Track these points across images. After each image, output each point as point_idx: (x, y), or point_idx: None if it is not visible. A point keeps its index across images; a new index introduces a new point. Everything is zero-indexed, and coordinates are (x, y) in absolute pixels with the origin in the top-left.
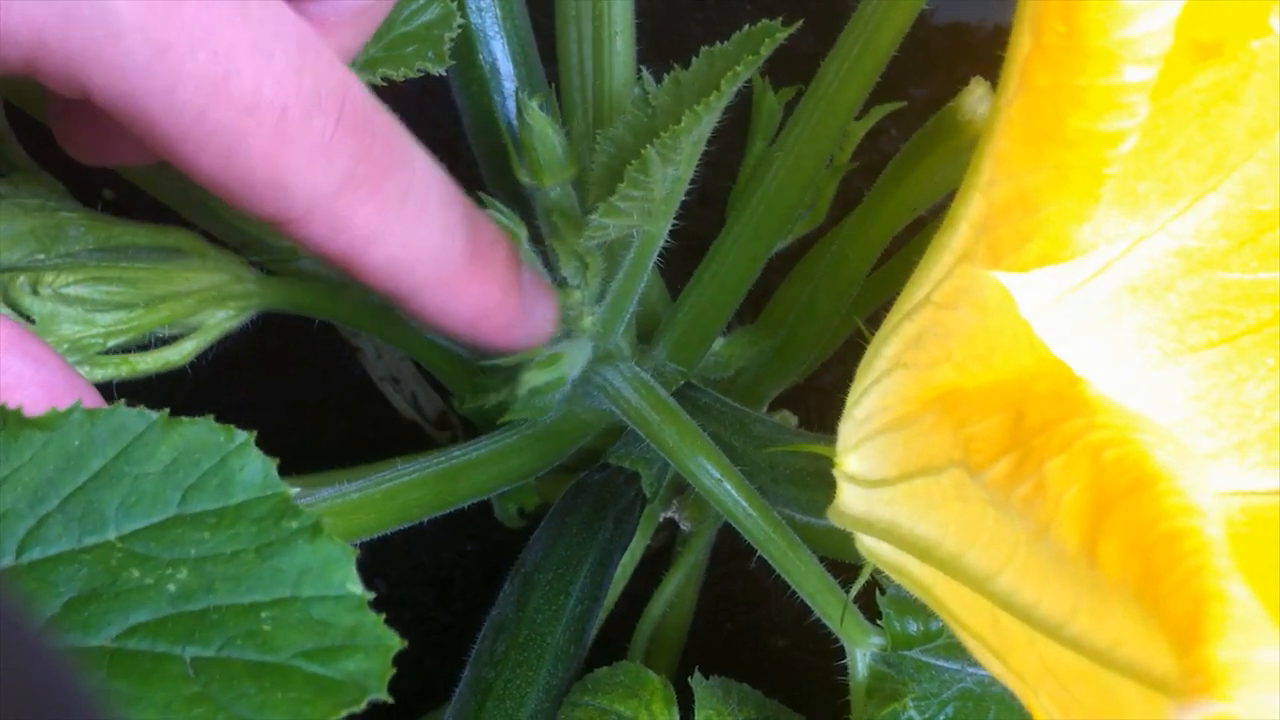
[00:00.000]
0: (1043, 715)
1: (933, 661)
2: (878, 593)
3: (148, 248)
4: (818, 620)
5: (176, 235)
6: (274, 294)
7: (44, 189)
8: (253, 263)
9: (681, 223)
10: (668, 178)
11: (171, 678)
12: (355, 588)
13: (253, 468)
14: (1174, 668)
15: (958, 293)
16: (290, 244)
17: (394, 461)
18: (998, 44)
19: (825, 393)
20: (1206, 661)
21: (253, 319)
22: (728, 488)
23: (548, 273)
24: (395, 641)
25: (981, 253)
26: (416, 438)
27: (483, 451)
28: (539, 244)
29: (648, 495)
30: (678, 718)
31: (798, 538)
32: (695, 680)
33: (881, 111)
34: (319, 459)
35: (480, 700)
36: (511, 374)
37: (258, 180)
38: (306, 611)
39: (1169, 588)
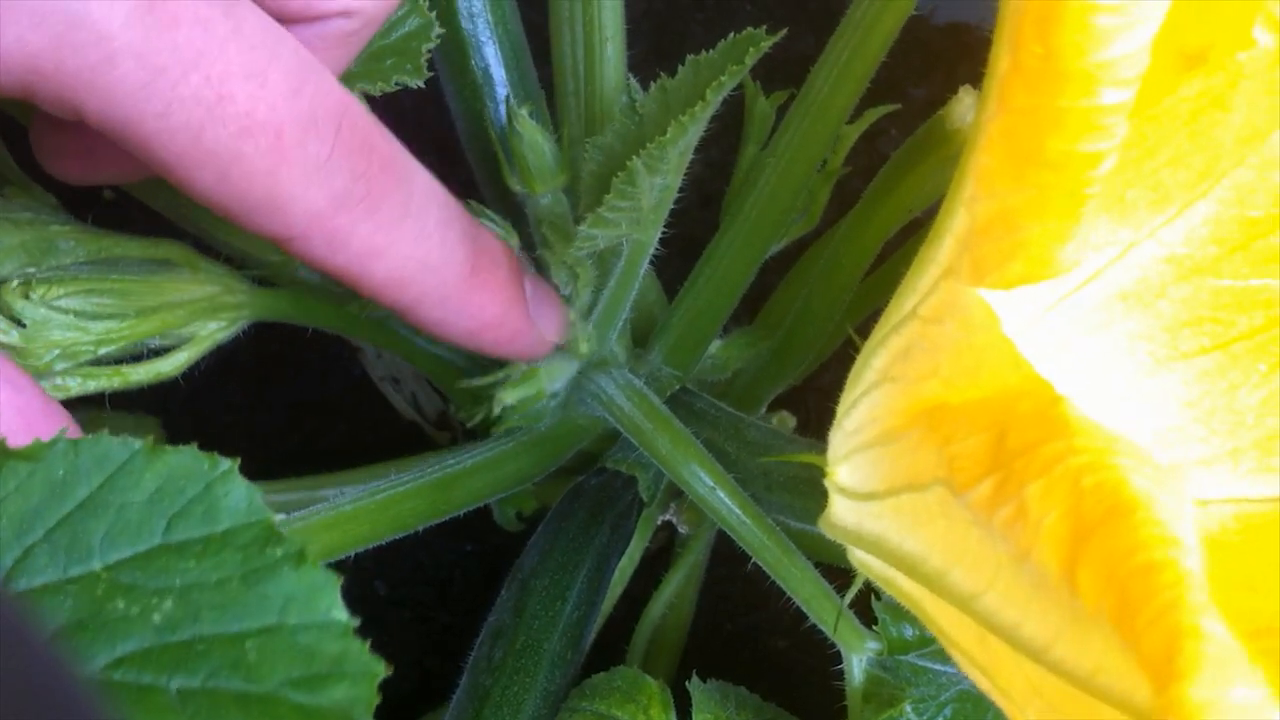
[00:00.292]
0: None
1: (930, 665)
2: (873, 598)
3: (139, 260)
4: (816, 623)
5: (168, 247)
6: (266, 305)
7: (35, 202)
8: (251, 274)
9: (681, 225)
10: (655, 187)
11: (158, 709)
12: (340, 614)
13: (237, 494)
14: (1151, 701)
15: (943, 308)
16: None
17: (389, 470)
18: None
19: (825, 393)
20: (1181, 700)
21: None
22: (721, 495)
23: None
24: (380, 668)
25: (965, 269)
26: (417, 438)
27: (477, 459)
28: (532, 251)
29: (645, 499)
30: None
31: (792, 544)
32: (693, 684)
33: (875, 115)
34: (319, 460)
35: (478, 707)
36: (489, 391)
37: (255, 200)
38: (292, 639)
39: (1145, 622)
